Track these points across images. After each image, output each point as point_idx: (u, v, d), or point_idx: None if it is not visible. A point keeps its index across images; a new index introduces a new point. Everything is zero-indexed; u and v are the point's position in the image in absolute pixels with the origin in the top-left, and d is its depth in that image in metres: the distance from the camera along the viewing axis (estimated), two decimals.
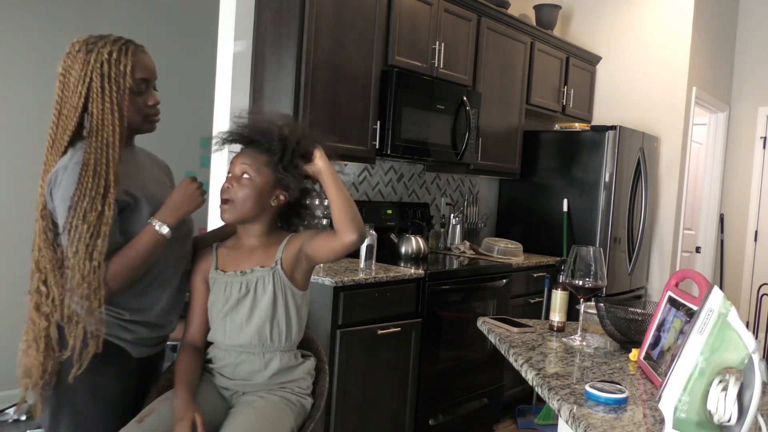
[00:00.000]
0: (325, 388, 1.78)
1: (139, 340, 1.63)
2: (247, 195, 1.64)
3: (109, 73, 1.51)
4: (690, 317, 1.38)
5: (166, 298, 1.65)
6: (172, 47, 4.36)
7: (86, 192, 1.45)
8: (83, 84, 1.50)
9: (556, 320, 1.95)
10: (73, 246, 1.44)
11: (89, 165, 1.46)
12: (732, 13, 5.60)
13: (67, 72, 1.52)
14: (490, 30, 3.87)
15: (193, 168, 4.45)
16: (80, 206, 1.44)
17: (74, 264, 1.44)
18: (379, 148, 3.18)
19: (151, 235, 1.53)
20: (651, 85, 4.78)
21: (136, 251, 1.52)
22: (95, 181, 1.46)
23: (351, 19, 3.00)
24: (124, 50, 1.54)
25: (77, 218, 1.44)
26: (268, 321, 1.65)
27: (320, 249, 1.64)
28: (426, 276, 3.02)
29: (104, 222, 1.47)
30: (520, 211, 4.55)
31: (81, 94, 1.50)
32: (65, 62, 1.53)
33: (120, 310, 1.58)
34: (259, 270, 1.67)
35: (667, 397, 1.09)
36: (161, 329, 1.68)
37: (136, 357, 1.64)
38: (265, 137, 1.67)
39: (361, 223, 1.60)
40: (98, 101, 1.50)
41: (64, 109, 1.52)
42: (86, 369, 1.52)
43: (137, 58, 1.56)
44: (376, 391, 2.81)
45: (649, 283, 4.85)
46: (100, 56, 1.51)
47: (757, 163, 5.61)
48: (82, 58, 1.51)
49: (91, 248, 1.45)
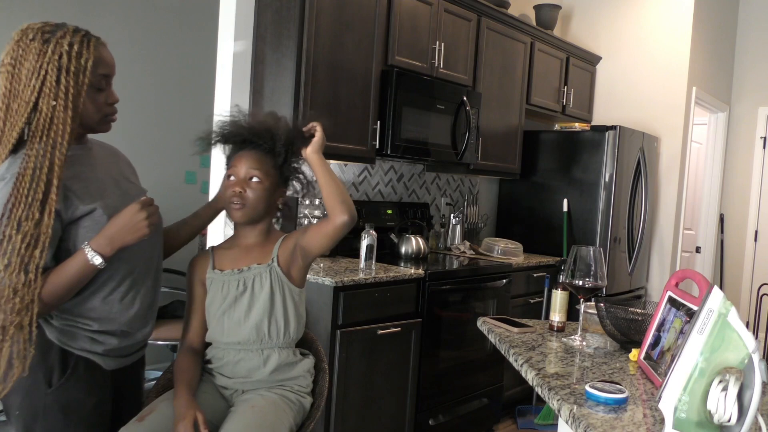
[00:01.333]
0: (325, 388, 1.78)
1: (110, 351, 1.51)
2: (259, 197, 1.67)
3: (68, 66, 1.37)
4: (690, 317, 1.38)
5: (138, 302, 1.54)
6: (172, 47, 4.37)
7: (22, 199, 1.31)
8: (37, 77, 1.35)
9: (556, 320, 1.95)
10: (5, 258, 1.30)
11: (27, 169, 1.32)
12: (732, 13, 5.60)
13: (17, 62, 1.36)
14: (490, 30, 3.87)
15: (193, 168, 4.46)
16: (14, 214, 1.30)
17: (4, 277, 1.30)
18: (379, 148, 3.18)
19: (81, 263, 1.38)
20: (651, 85, 4.78)
21: (64, 276, 1.37)
22: (33, 186, 1.31)
23: (351, 19, 3.00)
24: (86, 43, 1.41)
25: (11, 227, 1.30)
26: (266, 317, 1.66)
27: (314, 237, 1.66)
28: (426, 276, 3.02)
29: (42, 231, 1.33)
30: (520, 211, 4.55)
31: (34, 88, 1.35)
32: (15, 51, 1.37)
33: (87, 320, 1.46)
34: (256, 267, 1.68)
35: (667, 397, 1.09)
36: (133, 337, 1.56)
37: (109, 370, 1.53)
38: (268, 140, 1.68)
39: (351, 204, 1.63)
40: (50, 97, 1.36)
41: (14, 103, 1.36)
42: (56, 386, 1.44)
43: (99, 53, 1.43)
44: (376, 391, 2.81)
45: (649, 283, 4.85)
46: (59, 47, 1.37)
47: (757, 163, 5.61)
48: (38, 48, 1.36)
49: (27, 260, 1.31)
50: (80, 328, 1.47)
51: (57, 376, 1.45)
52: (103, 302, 1.48)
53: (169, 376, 1.83)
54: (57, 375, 1.46)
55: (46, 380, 1.44)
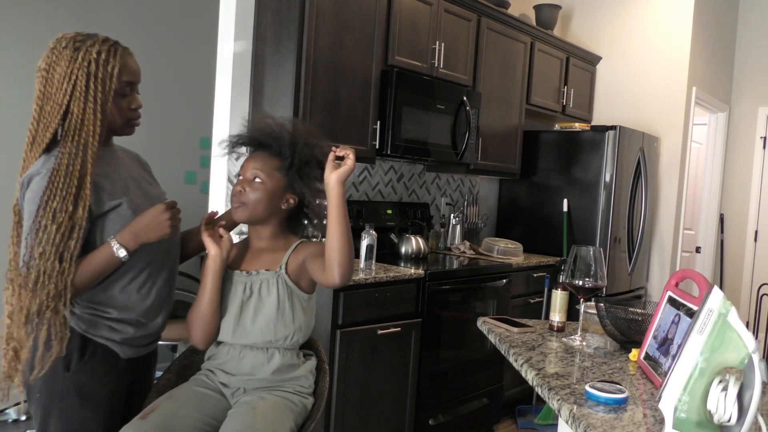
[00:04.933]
0: (325, 389, 1.78)
1: (126, 339, 1.60)
2: (259, 198, 1.66)
3: (96, 73, 1.48)
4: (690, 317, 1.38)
5: (154, 293, 1.62)
6: (172, 47, 4.37)
7: (57, 192, 1.42)
8: (68, 81, 1.46)
9: (556, 320, 1.95)
10: (40, 247, 1.40)
11: (62, 164, 1.43)
12: (732, 13, 5.60)
13: (51, 68, 1.48)
14: (490, 30, 3.87)
15: (193, 168, 4.46)
16: (50, 206, 1.41)
17: (39, 264, 1.40)
18: (379, 148, 3.18)
19: (107, 255, 1.49)
20: (651, 85, 4.78)
21: (92, 266, 1.48)
22: (67, 181, 1.42)
23: (351, 19, 3.00)
24: (113, 51, 1.52)
25: (46, 218, 1.41)
26: (272, 323, 1.66)
27: (312, 274, 1.65)
28: (426, 276, 3.02)
29: (77, 223, 1.44)
30: (520, 211, 4.55)
31: (66, 91, 1.46)
32: (49, 57, 1.49)
33: (106, 308, 1.56)
34: (264, 273, 1.69)
35: (667, 397, 1.09)
36: (149, 328, 1.65)
37: (125, 358, 1.61)
38: (276, 141, 1.69)
39: (349, 267, 1.54)
40: (81, 100, 1.47)
41: (47, 105, 1.48)
42: (74, 371, 1.52)
43: (125, 61, 1.54)
44: (376, 391, 2.81)
45: (649, 283, 4.85)
46: (88, 55, 1.48)
47: (757, 163, 5.61)
48: (69, 55, 1.47)
49: (62, 249, 1.42)
50: (100, 315, 1.56)
51: (75, 361, 1.54)
52: (121, 291, 1.57)
53: (169, 375, 1.83)
54: (75, 360, 1.54)
55: (65, 365, 1.53)
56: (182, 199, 1.81)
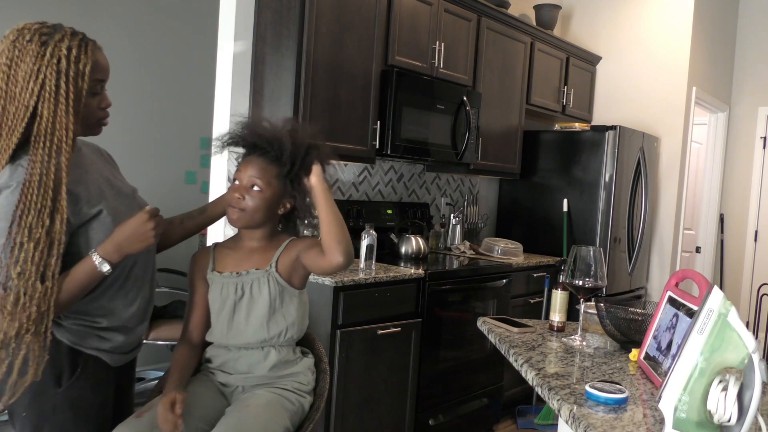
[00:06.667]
0: (325, 389, 1.78)
1: (115, 348, 1.54)
2: (258, 206, 1.65)
3: (67, 71, 1.34)
4: (690, 317, 1.38)
5: (139, 297, 1.58)
6: (172, 47, 4.37)
7: (31, 206, 1.29)
8: (35, 80, 1.31)
9: (556, 320, 1.95)
10: (18, 266, 1.29)
11: (33, 175, 1.30)
12: (732, 13, 5.60)
13: (13, 63, 1.32)
14: (490, 30, 3.87)
15: (193, 168, 4.46)
16: (24, 221, 1.29)
17: (19, 285, 1.29)
18: (379, 148, 3.18)
19: (90, 269, 1.39)
20: (651, 85, 4.78)
21: (73, 282, 1.39)
22: (41, 193, 1.30)
23: (351, 19, 3.00)
24: (83, 47, 1.38)
25: (22, 235, 1.28)
26: (266, 321, 1.66)
27: (312, 264, 1.64)
28: (426, 276, 3.02)
29: (56, 238, 1.32)
30: (520, 211, 4.55)
31: (33, 91, 1.31)
32: (11, 51, 1.33)
33: (95, 318, 1.49)
34: (254, 272, 1.68)
35: (667, 397, 1.09)
36: (136, 333, 1.60)
37: (114, 366, 1.56)
38: (274, 147, 1.65)
39: (348, 245, 1.56)
40: (51, 101, 1.32)
41: (10, 105, 1.32)
42: (66, 386, 1.46)
43: (96, 57, 1.41)
44: (376, 391, 2.81)
45: (649, 283, 4.85)
46: (57, 51, 1.33)
47: (757, 163, 5.61)
48: (35, 51, 1.32)
49: (43, 268, 1.31)
50: (90, 326, 1.49)
51: (66, 376, 1.47)
52: (110, 300, 1.51)
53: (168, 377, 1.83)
54: (66, 375, 1.47)
55: (55, 381, 1.45)
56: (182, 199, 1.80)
